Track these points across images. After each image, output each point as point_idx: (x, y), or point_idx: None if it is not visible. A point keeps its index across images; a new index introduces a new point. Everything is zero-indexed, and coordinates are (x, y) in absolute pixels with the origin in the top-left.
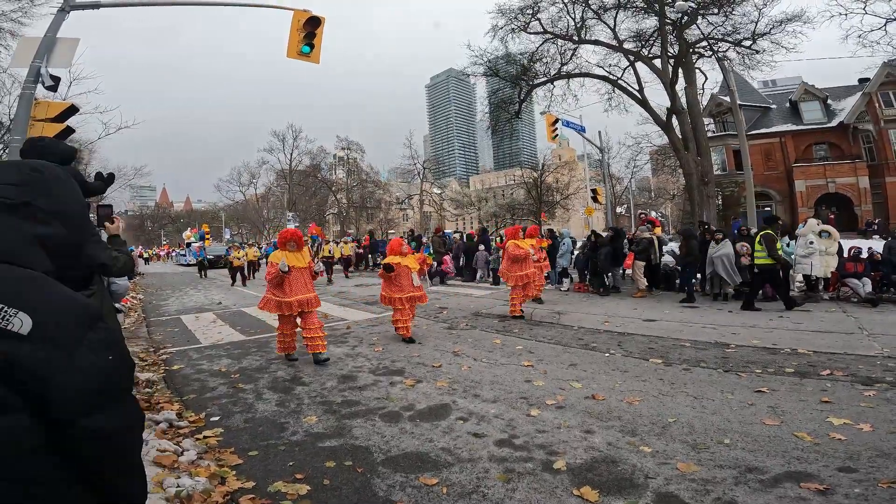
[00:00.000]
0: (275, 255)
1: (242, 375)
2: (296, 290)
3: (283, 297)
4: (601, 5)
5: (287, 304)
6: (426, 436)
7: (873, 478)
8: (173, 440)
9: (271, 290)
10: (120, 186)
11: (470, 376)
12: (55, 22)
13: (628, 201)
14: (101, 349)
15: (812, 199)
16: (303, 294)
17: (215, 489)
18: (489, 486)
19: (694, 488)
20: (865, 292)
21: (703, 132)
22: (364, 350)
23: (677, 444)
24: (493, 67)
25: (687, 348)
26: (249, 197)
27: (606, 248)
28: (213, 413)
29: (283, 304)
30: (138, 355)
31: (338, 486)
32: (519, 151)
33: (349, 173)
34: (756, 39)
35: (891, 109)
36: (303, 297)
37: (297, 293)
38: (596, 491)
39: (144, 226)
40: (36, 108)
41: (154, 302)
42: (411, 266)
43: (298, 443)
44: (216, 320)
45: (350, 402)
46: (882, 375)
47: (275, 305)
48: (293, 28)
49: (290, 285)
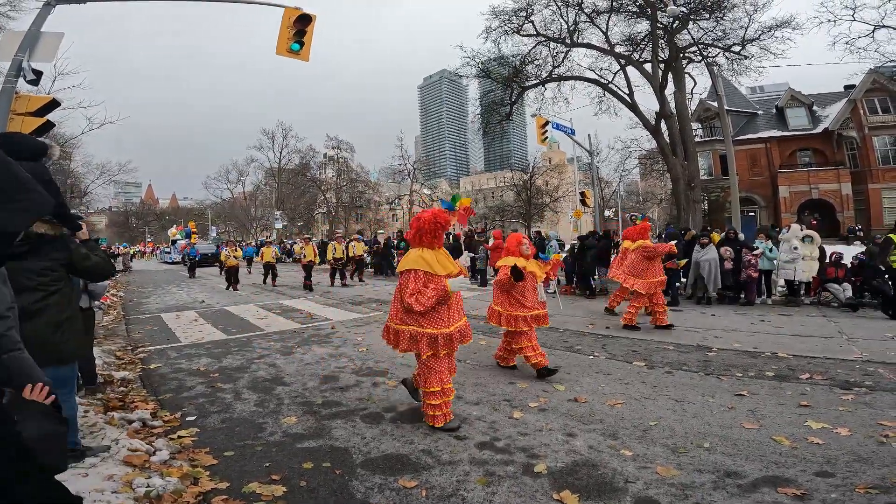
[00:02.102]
0: (417, 259)
1: (222, 375)
2: (454, 313)
3: (440, 326)
4: (594, 9)
5: (447, 338)
6: (407, 437)
7: (850, 482)
8: (146, 440)
9: (415, 318)
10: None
11: (454, 378)
12: (40, 16)
13: (616, 205)
14: None
15: (795, 204)
16: (460, 318)
17: (187, 489)
18: (469, 489)
19: (673, 493)
20: (846, 297)
21: (690, 137)
22: (348, 350)
23: (658, 448)
24: (485, 69)
25: (670, 351)
26: (237, 195)
27: (593, 250)
28: (189, 413)
29: (443, 338)
30: (115, 353)
31: (315, 487)
32: (509, 153)
33: (339, 172)
34: (745, 45)
35: (875, 116)
36: (463, 325)
37: (456, 318)
38: (576, 495)
39: (129, 222)
40: (16, 102)
41: (135, 300)
42: (537, 274)
43: (276, 443)
44: (198, 319)
45: (331, 402)
46: (861, 380)
47: (427, 342)
48: (283, 25)
49: (448, 308)
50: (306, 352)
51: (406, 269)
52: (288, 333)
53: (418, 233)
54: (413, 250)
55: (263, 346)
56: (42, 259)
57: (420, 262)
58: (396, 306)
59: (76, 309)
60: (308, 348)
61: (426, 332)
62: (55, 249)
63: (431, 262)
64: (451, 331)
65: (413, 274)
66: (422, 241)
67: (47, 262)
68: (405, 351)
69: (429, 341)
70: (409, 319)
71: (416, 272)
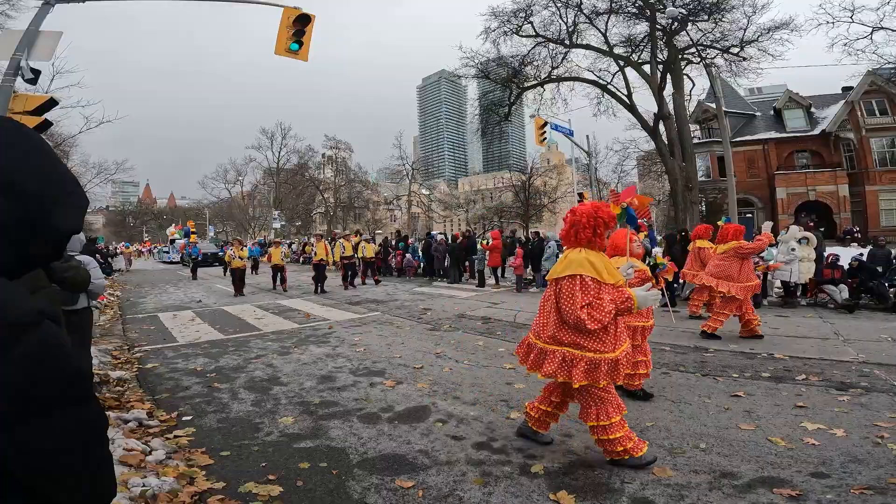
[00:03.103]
0: (583, 263)
1: (219, 375)
2: (620, 332)
3: (604, 350)
4: (593, 10)
5: (612, 365)
6: (404, 438)
7: (846, 483)
8: (142, 439)
9: (574, 337)
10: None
11: (451, 378)
12: (39, 15)
13: None
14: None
15: (792, 206)
16: (625, 339)
17: (183, 489)
18: (466, 489)
19: (669, 493)
20: (842, 298)
21: (688, 138)
22: (345, 350)
23: (654, 449)
24: (484, 70)
25: (667, 352)
26: (235, 194)
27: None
28: (185, 412)
29: (607, 365)
30: (111, 353)
31: (311, 487)
32: (508, 154)
33: (337, 172)
34: (744, 46)
35: (873, 118)
36: (629, 348)
37: (622, 339)
38: (572, 496)
39: (126, 222)
40: (14, 101)
41: (132, 299)
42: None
43: (273, 443)
44: (195, 319)
45: (328, 402)
46: (857, 381)
47: (585, 369)
48: (282, 25)
49: (616, 325)
50: (303, 352)
51: (566, 276)
52: (285, 333)
53: (573, 229)
54: (572, 252)
55: (260, 346)
56: None
57: (586, 267)
58: (546, 319)
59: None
60: (305, 348)
61: (586, 357)
62: None
63: (600, 267)
64: (618, 355)
65: (579, 281)
66: (578, 239)
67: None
68: (549, 376)
69: (587, 368)
70: (565, 338)
71: (582, 279)
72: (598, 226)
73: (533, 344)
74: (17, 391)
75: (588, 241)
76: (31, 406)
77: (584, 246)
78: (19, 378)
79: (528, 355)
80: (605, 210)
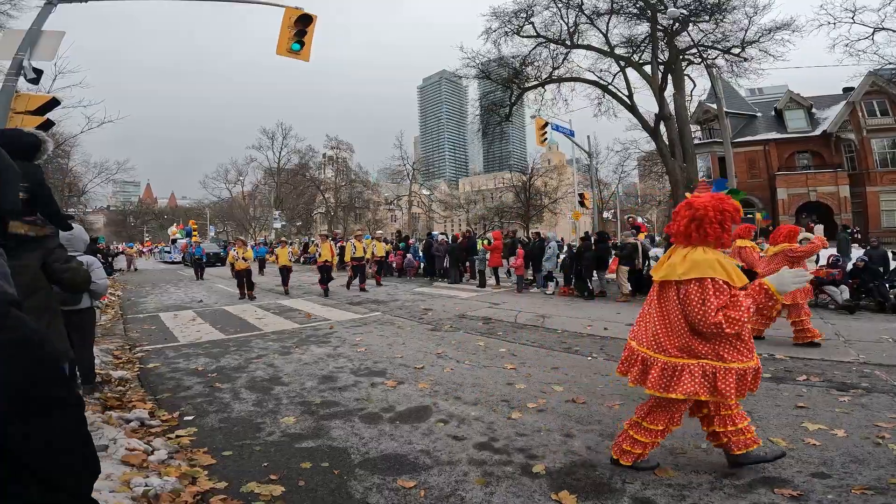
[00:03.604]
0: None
1: (220, 375)
2: (751, 338)
3: (745, 358)
4: (594, 10)
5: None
6: (405, 438)
7: (846, 484)
8: (144, 439)
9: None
10: (102, 181)
11: (452, 378)
12: (42, 14)
13: (615, 206)
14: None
15: (793, 207)
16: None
17: (185, 489)
18: (467, 489)
19: (670, 493)
20: (843, 299)
21: (689, 139)
22: (346, 350)
23: (655, 449)
24: (485, 70)
25: None
26: (236, 194)
27: (591, 251)
28: (187, 412)
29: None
30: (112, 352)
31: (313, 487)
32: (508, 154)
33: (338, 172)
34: (745, 47)
35: (874, 119)
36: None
37: (752, 345)
38: (574, 496)
39: (127, 221)
40: (16, 101)
41: (133, 299)
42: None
43: (275, 443)
44: (195, 318)
45: (329, 402)
46: (857, 381)
47: (735, 380)
48: (284, 25)
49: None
50: (304, 352)
51: (692, 279)
52: (286, 333)
53: (694, 223)
54: (694, 251)
55: (261, 346)
56: (16, 260)
57: (717, 269)
58: (664, 329)
59: (58, 309)
60: (306, 348)
61: (732, 367)
62: (27, 251)
63: (729, 269)
64: (757, 363)
65: (711, 284)
66: (702, 235)
67: (23, 262)
68: (687, 395)
69: (737, 379)
70: (701, 349)
71: (714, 282)
72: (727, 220)
73: (653, 360)
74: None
75: (716, 237)
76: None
77: (711, 244)
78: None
79: (642, 372)
80: (729, 202)
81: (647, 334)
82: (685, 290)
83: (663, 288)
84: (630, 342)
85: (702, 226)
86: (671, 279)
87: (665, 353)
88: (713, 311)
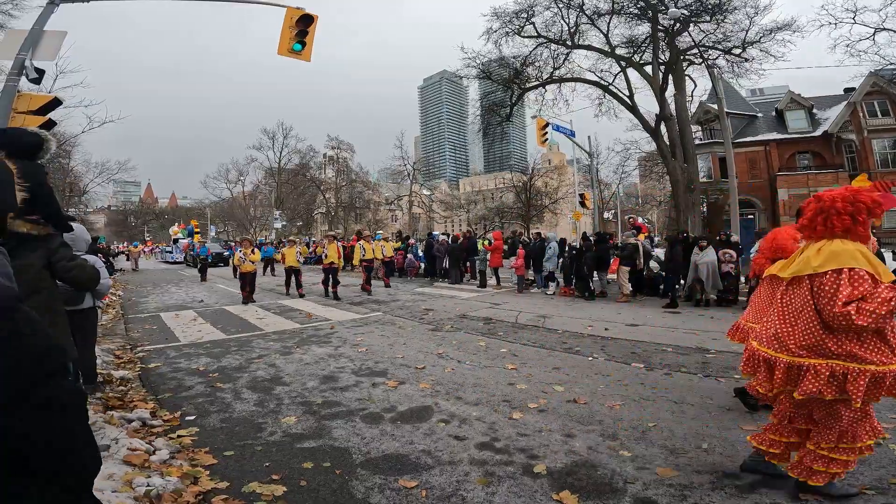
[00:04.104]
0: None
1: (221, 375)
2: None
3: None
4: (595, 10)
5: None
6: (407, 438)
7: (847, 484)
8: (145, 439)
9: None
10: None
11: (453, 378)
12: (43, 14)
13: (616, 207)
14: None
15: (794, 207)
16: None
17: (187, 489)
18: (469, 489)
19: (672, 493)
20: None
21: (690, 139)
22: (347, 350)
23: (656, 449)
24: (486, 70)
25: (668, 353)
26: (237, 194)
27: (591, 252)
28: (188, 412)
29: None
30: (114, 352)
31: (315, 487)
32: (509, 155)
33: (338, 172)
34: (746, 47)
35: (875, 119)
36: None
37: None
38: (575, 496)
39: (127, 221)
40: (18, 101)
41: (133, 299)
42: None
43: (276, 443)
44: (196, 318)
45: (331, 402)
46: None
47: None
48: (285, 25)
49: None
50: (305, 352)
51: (829, 270)
52: (287, 333)
53: (821, 216)
54: (834, 243)
55: (263, 345)
56: (18, 259)
57: (858, 259)
58: (790, 327)
59: (61, 309)
60: (307, 348)
61: (868, 370)
62: (29, 250)
63: (874, 261)
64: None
65: (848, 274)
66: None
67: (25, 262)
68: (809, 394)
69: (873, 382)
70: (833, 347)
71: (855, 273)
72: (860, 212)
73: (774, 359)
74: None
75: (845, 230)
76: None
77: (839, 236)
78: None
79: (762, 370)
80: (866, 194)
81: (768, 334)
82: (819, 283)
83: (791, 285)
84: (750, 342)
85: (828, 218)
86: (803, 274)
87: (790, 353)
88: (842, 300)
